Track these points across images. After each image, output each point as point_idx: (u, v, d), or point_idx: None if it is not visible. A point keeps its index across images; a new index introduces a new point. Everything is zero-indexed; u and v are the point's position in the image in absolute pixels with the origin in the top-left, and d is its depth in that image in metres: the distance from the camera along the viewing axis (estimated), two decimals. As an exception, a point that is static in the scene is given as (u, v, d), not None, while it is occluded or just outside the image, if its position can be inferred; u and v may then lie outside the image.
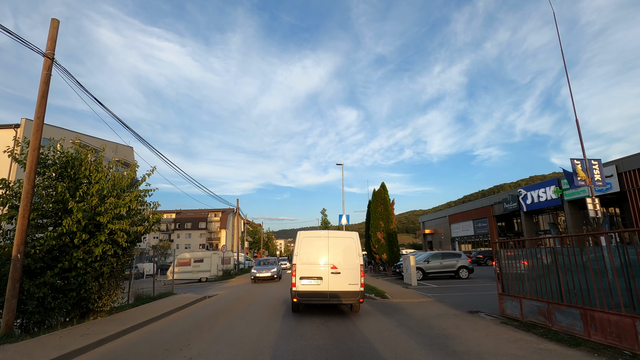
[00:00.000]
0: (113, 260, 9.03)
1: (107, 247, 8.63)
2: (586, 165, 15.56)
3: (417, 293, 13.32)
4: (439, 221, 56.75)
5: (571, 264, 6.60)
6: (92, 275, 8.63)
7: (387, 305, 10.93)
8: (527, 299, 7.78)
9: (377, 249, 21.23)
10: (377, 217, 21.68)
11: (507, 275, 8.61)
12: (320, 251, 9.32)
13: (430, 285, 16.38)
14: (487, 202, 43.80)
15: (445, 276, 19.22)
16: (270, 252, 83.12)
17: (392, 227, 21.33)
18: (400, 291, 13.91)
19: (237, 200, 31.54)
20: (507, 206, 38.34)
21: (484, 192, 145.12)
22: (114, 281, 9.34)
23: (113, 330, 7.30)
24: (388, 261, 20.90)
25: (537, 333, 6.88)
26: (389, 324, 8.07)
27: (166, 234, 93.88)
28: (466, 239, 48.88)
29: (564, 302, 6.72)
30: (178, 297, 13.69)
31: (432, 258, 19.01)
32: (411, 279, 16.12)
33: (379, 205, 21.80)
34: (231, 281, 24.92)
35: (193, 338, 7.06)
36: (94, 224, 8.66)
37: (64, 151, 9.09)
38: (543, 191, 32.84)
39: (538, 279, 7.50)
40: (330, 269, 9.13)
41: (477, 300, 11.50)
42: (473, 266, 19.28)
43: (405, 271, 16.98)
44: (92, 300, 8.61)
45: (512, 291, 8.36)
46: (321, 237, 9.57)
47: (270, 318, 9.05)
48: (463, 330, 7.31)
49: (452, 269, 18.88)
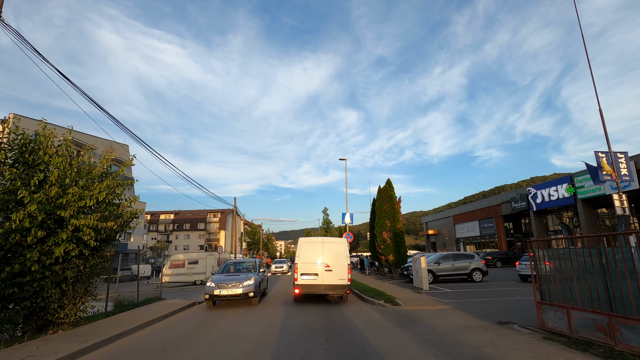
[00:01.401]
0: (79, 263, 7.62)
1: (71, 246, 7.23)
2: (612, 159, 14.14)
3: (432, 299, 11.89)
4: (443, 221, 55.28)
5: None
6: (52, 281, 7.22)
7: (400, 314, 9.51)
8: (578, 309, 6.36)
9: (383, 249, 19.79)
10: (382, 216, 20.25)
11: (547, 280, 7.20)
12: (317, 253, 11.59)
13: (443, 289, 14.94)
14: (494, 201, 42.35)
15: (457, 279, 17.79)
16: (270, 254, 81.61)
17: (399, 227, 19.91)
18: (412, 296, 12.48)
19: (235, 199, 30.17)
20: (516, 205, 36.89)
21: (484, 193, 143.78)
22: (81, 287, 7.92)
23: (68, 349, 5.88)
24: (395, 263, 19.46)
25: (597, 354, 5.46)
26: (408, 339, 6.65)
27: (164, 234, 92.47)
28: (472, 239, 47.40)
29: (635, 316, 5.31)
30: (164, 303, 12.27)
31: (443, 260, 17.58)
32: (422, 282, 14.69)
33: (384, 203, 20.38)
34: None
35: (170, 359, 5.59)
36: (55, 219, 7.26)
37: (24, 134, 7.68)
38: (554, 189, 31.39)
39: (592, 285, 6.09)
40: (325, 267, 11.38)
41: (502, 307, 10.08)
42: (487, 268, 17.84)
43: (415, 274, 15.55)
44: (52, 311, 7.20)
45: (555, 299, 6.95)
46: (317, 242, 11.91)
47: (265, 332, 7.63)
48: (502, 349, 5.89)
49: (465, 271, 17.45)
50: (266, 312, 10.28)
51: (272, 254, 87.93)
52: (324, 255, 11.50)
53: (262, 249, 65.81)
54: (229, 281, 11.11)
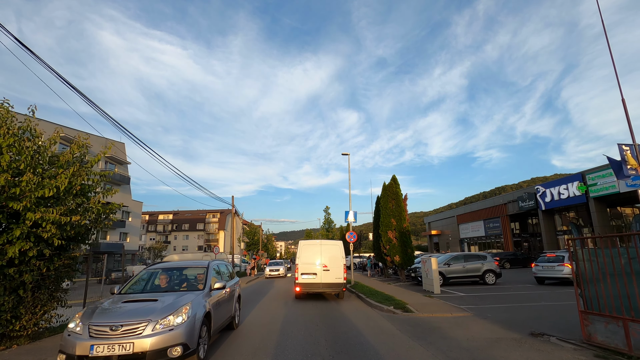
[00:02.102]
0: (40, 265, 6.47)
1: (28, 245, 6.08)
2: (636, 151, 12.99)
3: (447, 304, 10.72)
4: (446, 222, 54.06)
5: None
6: (6, 287, 6.08)
7: (414, 323, 8.34)
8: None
9: (389, 250, 18.62)
10: (388, 214, 19.09)
11: (594, 285, 6.03)
12: (316, 255, 12.52)
13: (456, 292, 13.77)
14: (500, 200, 41.15)
15: (468, 282, 16.61)
16: (269, 254, 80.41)
17: (405, 226, 18.75)
18: (424, 301, 11.31)
19: (232, 197, 28.96)
20: (523, 204, 35.69)
21: (485, 193, 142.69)
22: (44, 293, 6.76)
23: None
24: (401, 264, 18.29)
25: (675, 380, 4.29)
26: (432, 357, 5.49)
27: (163, 235, 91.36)
28: (476, 240, 46.19)
29: None
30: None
31: (454, 261, 16.40)
32: (433, 285, 13.53)
33: (390, 201, 19.22)
34: (223, 286, 22.09)
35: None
36: (8, 213, 6.11)
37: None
38: (564, 187, 30.20)
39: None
40: (323, 267, 12.31)
41: (529, 315, 8.91)
42: (500, 270, 16.67)
43: (425, 276, 14.39)
44: (3, 322, 6.05)
45: (607, 309, 5.79)
46: (316, 244, 12.88)
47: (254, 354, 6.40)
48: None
49: (477, 273, 16.27)
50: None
51: (271, 255, 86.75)
52: (322, 256, 12.56)
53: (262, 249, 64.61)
54: (123, 318, 4.62)
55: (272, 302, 12.76)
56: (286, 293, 15.62)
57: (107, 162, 43.19)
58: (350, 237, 18.49)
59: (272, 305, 11.85)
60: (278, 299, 13.46)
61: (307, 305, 11.57)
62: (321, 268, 12.37)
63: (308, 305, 11.42)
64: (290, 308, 11.01)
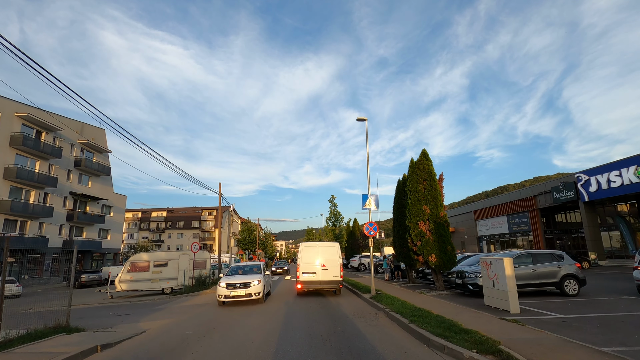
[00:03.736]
0: None
1: None
2: None
3: (563, 340, 5.90)
4: (462, 217, 49.19)
5: None
6: None
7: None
8: None
9: (420, 247, 13.79)
10: (418, 200, 14.27)
11: None
12: (315, 255, 13.98)
13: (544, 312, 8.96)
14: (528, 192, 36.24)
15: (538, 291, 11.81)
16: (268, 254, 75.56)
17: (443, 214, 13.91)
18: (515, 333, 6.49)
19: (220, 184, 24.12)
20: (559, 196, 30.78)
21: (487, 193, 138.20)
22: None
23: None
24: (439, 266, 13.43)
25: None
26: None
27: (156, 233, 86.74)
28: (498, 237, 41.33)
29: None
30: (47, 344, 6.35)
31: (518, 261, 11.57)
32: (508, 300, 8.76)
33: (421, 183, 14.40)
34: (203, 293, 17.47)
35: None
36: None
37: None
38: (616, 174, 25.31)
39: None
40: (321, 266, 13.74)
41: None
42: (584, 275, 11.82)
43: (492, 285, 9.59)
44: None
45: None
46: (315, 246, 14.29)
47: None
48: None
49: (553, 279, 11.46)
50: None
51: (270, 255, 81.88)
52: (321, 257, 13.84)
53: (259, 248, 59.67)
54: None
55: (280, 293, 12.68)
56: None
57: (84, 149, 38.32)
58: (369, 230, 13.71)
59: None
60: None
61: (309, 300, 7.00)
62: (320, 267, 13.71)
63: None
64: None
